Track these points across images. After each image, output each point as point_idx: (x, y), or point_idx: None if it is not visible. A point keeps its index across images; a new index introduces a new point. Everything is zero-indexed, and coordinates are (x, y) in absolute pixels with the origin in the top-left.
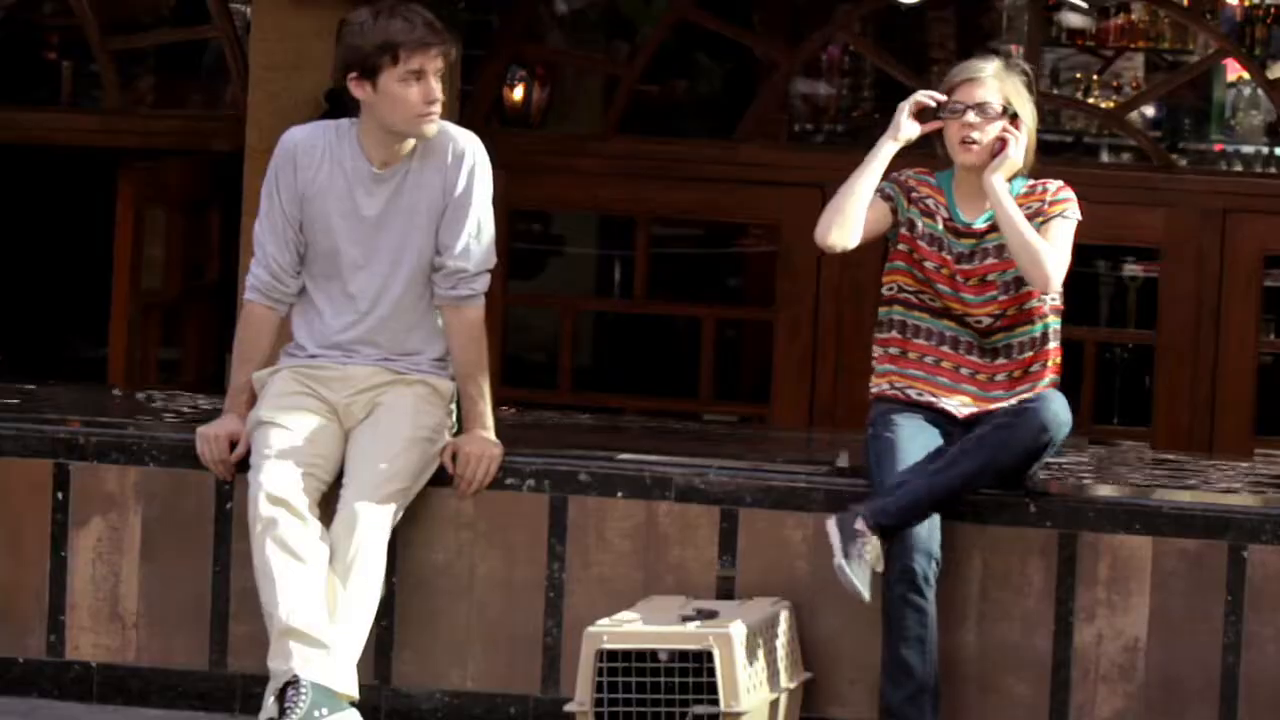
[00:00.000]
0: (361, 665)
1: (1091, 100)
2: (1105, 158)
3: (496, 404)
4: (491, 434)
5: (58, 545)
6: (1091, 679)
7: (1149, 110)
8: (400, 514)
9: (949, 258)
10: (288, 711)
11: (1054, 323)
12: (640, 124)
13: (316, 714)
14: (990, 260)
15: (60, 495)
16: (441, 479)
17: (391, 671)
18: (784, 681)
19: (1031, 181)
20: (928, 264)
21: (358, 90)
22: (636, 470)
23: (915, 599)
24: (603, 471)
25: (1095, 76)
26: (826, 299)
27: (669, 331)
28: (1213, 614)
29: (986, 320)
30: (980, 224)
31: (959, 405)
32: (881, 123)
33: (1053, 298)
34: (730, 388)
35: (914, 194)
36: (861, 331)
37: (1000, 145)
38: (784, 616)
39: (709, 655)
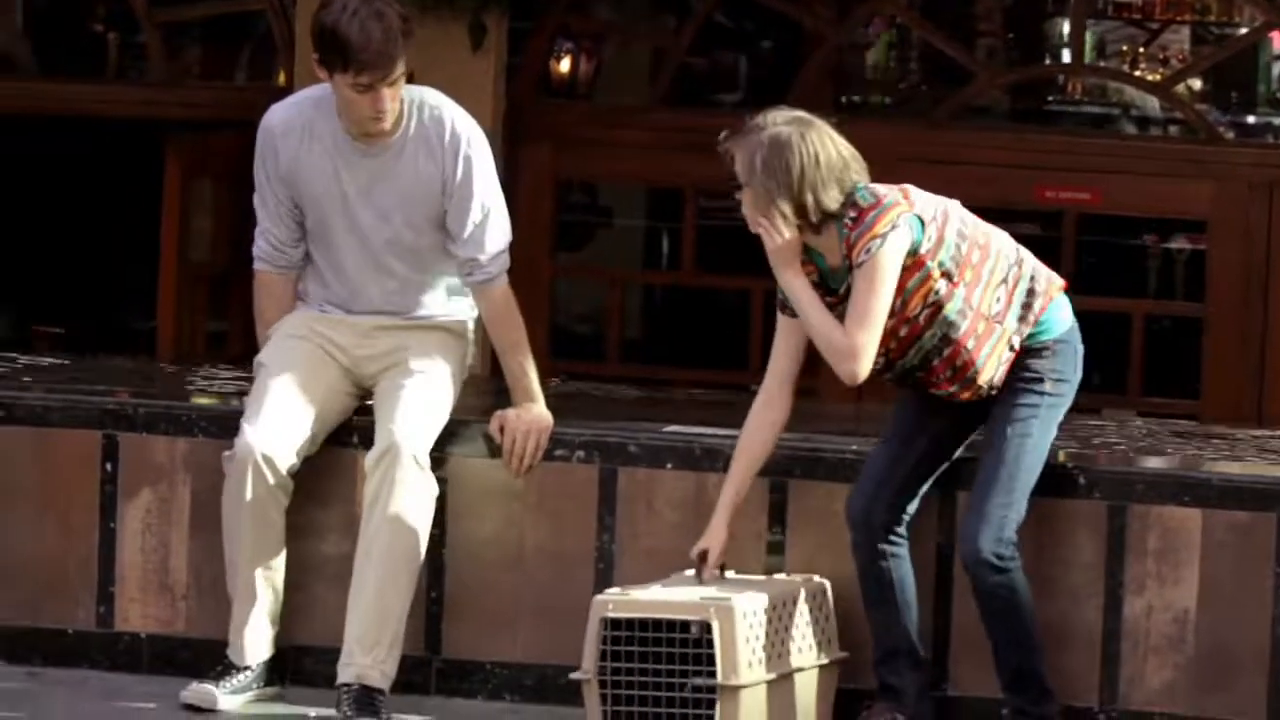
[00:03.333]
0: (411, 636)
1: (1138, 73)
2: (1152, 130)
3: (545, 376)
4: (541, 405)
5: (107, 516)
6: (1141, 651)
7: (1195, 83)
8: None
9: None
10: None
11: (950, 313)
12: (687, 96)
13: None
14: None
15: (109, 466)
16: (492, 451)
17: (441, 642)
18: (803, 659)
19: (857, 209)
20: None
21: (319, 72)
22: (686, 442)
23: (878, 563)
24: (652, 443)
25: (1142, 49)
26: None
27: (718, 304)
28: (1262, 585)
29: (881, 361)
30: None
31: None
32: (929, 94)
33: (930, 298)
34: None
35: None
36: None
37: None
38: (805, 594)
39: (709, 627)
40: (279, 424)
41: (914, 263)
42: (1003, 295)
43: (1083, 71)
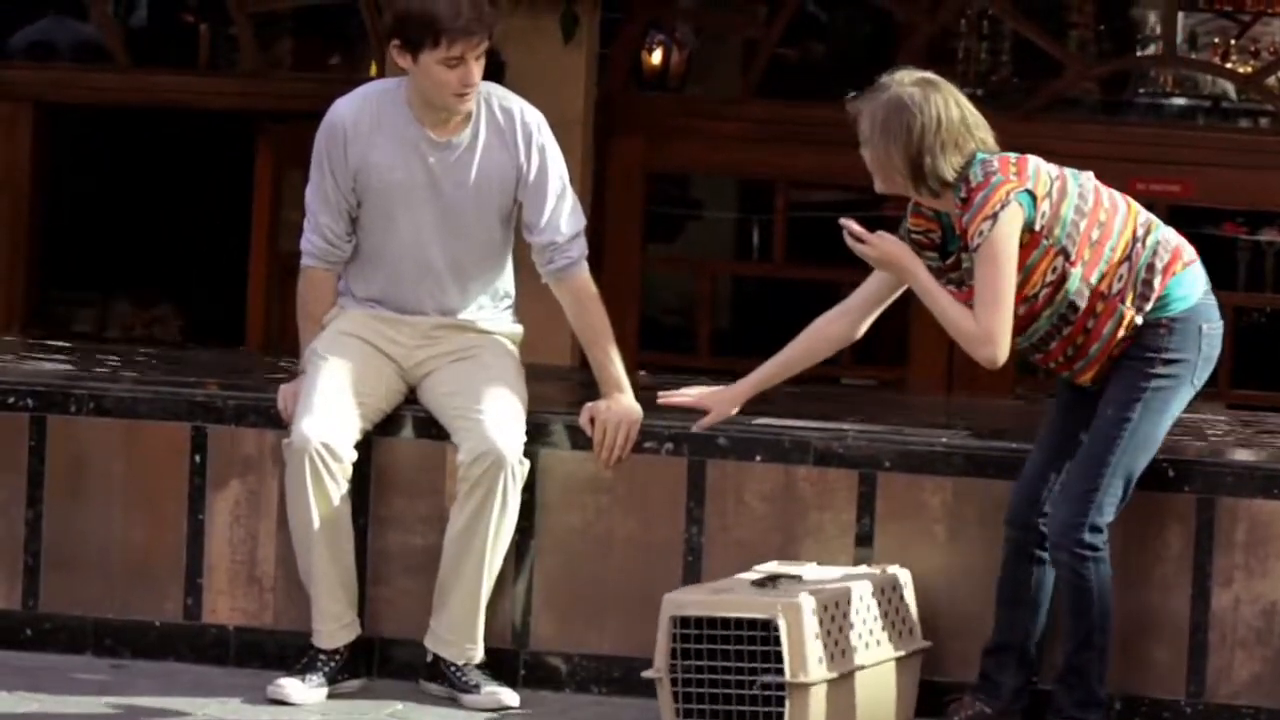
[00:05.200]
0: (499, 628)
1: (1229, 65)
2: (1243, 123)
3: (633, 368)
4: (630, 396)
5: (195, 508)
6: (1229, 643)
7: None
8: None
9: (952, 288)
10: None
11: (1069, 293)
12: (778, 87)
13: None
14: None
15: (198, 458)
16: (581, 443)
17: (529, 634)
18: (877, 652)
19: (968, 188)
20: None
21: (399, 58)
22: (775, 434)
23: (1026, 565)
24: (741, 435)
25: (1233, 41)
26: None
27: (807, 295)
28: None
29: None
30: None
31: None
32: (1021, 86)
33: (1049, 277)
34: (868, 352)
35: (912, 234)
36: None
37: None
38: (878, 586)
39: (775, 625)
40: (334, 413)
41: (1030, 240)
42: (1124, 273)
43: (1173, 64)
